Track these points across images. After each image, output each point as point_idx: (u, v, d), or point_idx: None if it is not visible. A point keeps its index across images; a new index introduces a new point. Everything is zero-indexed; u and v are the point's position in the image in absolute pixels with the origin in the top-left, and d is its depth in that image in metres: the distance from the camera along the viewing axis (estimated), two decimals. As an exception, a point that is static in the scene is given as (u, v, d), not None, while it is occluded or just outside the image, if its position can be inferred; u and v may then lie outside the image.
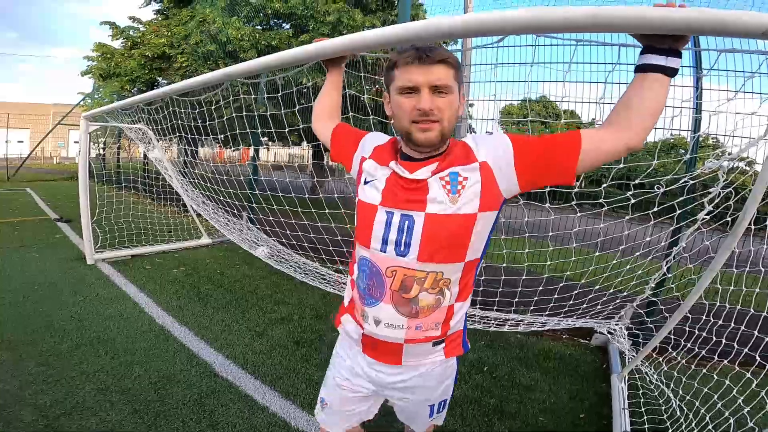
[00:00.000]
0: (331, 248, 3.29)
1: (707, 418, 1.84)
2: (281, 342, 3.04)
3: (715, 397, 1.91)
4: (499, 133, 1.08)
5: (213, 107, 3.13)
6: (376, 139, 1.22)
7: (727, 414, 1.75)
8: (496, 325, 2.94)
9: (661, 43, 0.85)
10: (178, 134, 3.94)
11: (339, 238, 3.16)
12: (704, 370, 2.20)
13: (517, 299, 2.74)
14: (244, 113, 3.45)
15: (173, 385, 2.42)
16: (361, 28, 6.56)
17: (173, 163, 5.33)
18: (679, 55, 0.85)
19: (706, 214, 1.92)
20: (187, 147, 4.66)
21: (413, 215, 1.02)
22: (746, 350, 1.89)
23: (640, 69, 0.88)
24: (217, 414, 2.18)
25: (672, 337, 2.29)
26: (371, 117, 2.47)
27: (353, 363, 1.25)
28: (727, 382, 1.93)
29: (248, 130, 2.92)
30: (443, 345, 1.17)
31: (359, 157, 1.20)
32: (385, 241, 1.06)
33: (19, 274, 4.16)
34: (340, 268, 3.80)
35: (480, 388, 2.56)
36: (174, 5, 9.31)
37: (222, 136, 3.29)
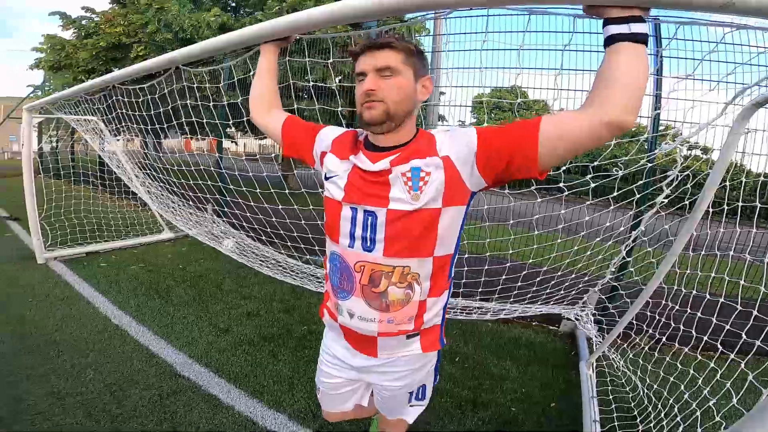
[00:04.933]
0: (299, 241, 3.20)
1: (676, 408, 1.85)
2: (248, 338, 2.93)
3: (682, 387, 1.92)
4: (468, 127, 1.04)
5: (157, 95, 2.95)
6: (333, 132, 1.21)
7: (694, 405, 1.75)
8: (465, 313, 2.95)
9: (610, 13, 0.82)
10: (135, 125, 3.72)
11: (309, 235, 3.07)
12: (668, 358, 2.24)
13: (481, 289, 2.75)
14: (201, 103, 3.29)
15: (131, 386, 2.28)
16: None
17: (132, 155, 5.05)
18: (640, 20, 0.80)
19: (665, 198, 1.96)
20: (147, 139, 4.42)
21: (376, 211, 1.03)
22: (706, 337, 1.89)
23: (608, 42, 0.83)
24: (179, 415, 2.07)
25: (634, 322, 2.35)
26: (339, 108, 2.40)
27: (336, 351, 1.29)
28: (691, 371, 1.94)
29: (204, 120, 2.76)
30: (418, 339, 1.17)
31: (319, 153, 1.20)
32: (352, 237, 1.08)
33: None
34: (309, 258, 3.70)
35: (453, 380, 2.55)
36: None
37: (181, 125, 3.11)
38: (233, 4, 8.18)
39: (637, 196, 2.19)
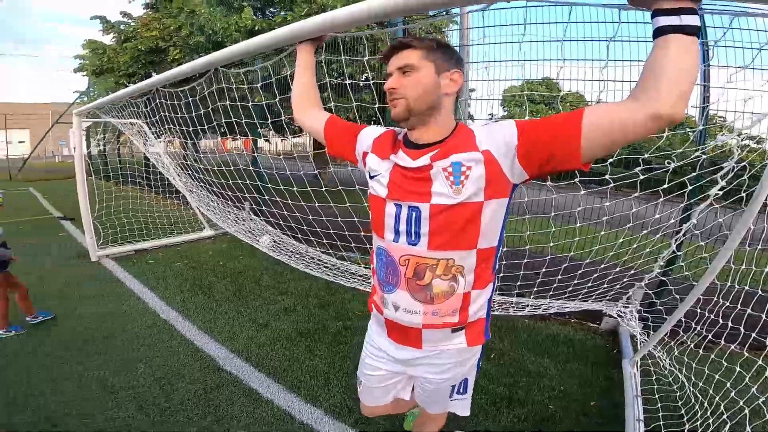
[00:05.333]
0: (335, 238, 3.24)
1: (722, 407, 1.78)
2: (285, 333, 3.01)
3: (728, 384, 1.85)
4: (507, 121, 1.03)
5: (197, 97, 3.07)
6: (373, 132, 1.24)
7: (741, 403, 1.69)
8: (502, 309, 2.89)
9: (660, 4, 0.77)
10: (175, 126, 3.89)
11: (345, 232, 3.10)
12: (712, 355, 2.13)
13: (519, 282, 2.68)
14: (239, 103, 3.38)
15: (178, 380, 2.41)
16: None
17: (173, 156, 5.28)
18: (692, 11, 0.75)
19: (719, 190, 1.83)
20: (186, 140, 4.61)
21: (419, 207, 1.06)
22: (754, 334, 1.81)
23: (657, 33, 0.79)
24: (222, 409, 2.17)
25: (683, 319, 2.22)
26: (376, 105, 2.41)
27: (380, 344, 1.33)
28: (738, 368, 1.87)
29: (243, 120, 2.84)
30: (463, 332, 1.19)
31: (361, 153, 1.25)
32: (397, 232, 1.11)
33: (24, 274, 4.16)
34: (344, 255, 3.75)
35: (487, 376, 2.52)
36: None
37: (218, 126, 3.22)
38: (259, 5, 8.29)
39: (689, 188, 2.06)
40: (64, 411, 2.12)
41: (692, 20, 0.75)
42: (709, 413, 1.85)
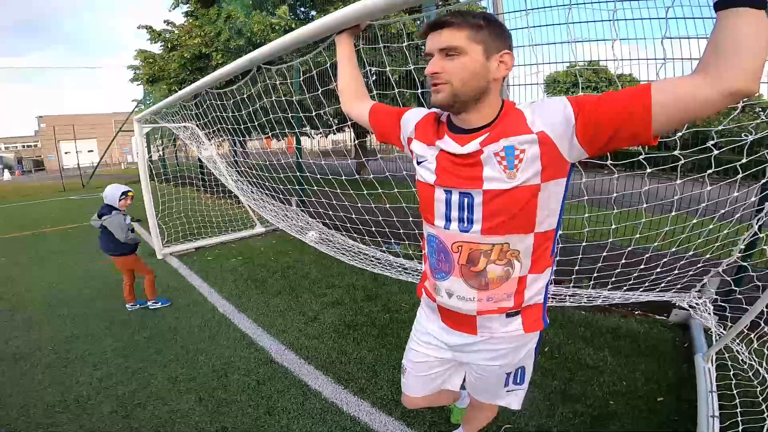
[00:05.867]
0: (376, 229, 3.23)
1: None
2: (333, 326, 3.06)
3: None
4: (558, 98, 0.95)
5: (243, 96, 3.18)
6: (415, 115, 1.20)
7: None
8: (558, 300, 2.74)
9: None
10: (223, 126, 4.07)
11: (380, 218, 3.09)
12: None
13: (576, 267, 2.50)
14: (274, 99, 3.48)
15: (234, 372, 2.52)
16: None
17: (224, 156, 5.54)
18: None
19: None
20: (235, 139, 4.82)
21: (472, 193, 1.01)
22: None
23: (720, 6, 0.71)
24: (273, 400, 2.24)
25: (765, 309, 1.97)
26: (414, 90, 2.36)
27: (431, 330, 1.30)
28: None
29: (280, 115, 2.91)
30: (519, 317, 1.14)
31: (405, 138, 1.22)
32: (448, 219, 1.07)
33: (100, 273, 4.58)
34: (386, 248, 3.74)
35: (541, 370, 2.40)
36: (201, 5, 9.53)
37: (262, 125, 3.34)
38: (291, 2, 8.38)
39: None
40: (135, 401, 2.29)
41: None
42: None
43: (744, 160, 1.69)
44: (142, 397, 2.32)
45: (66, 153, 33.33)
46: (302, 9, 8.50)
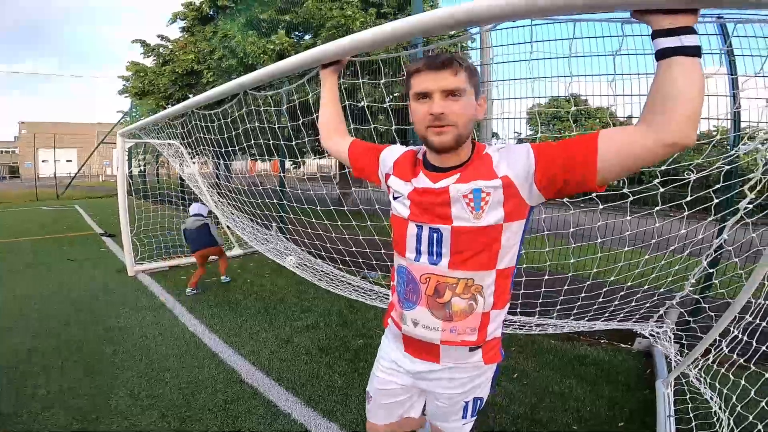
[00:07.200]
0: (354, 258, 3.28)
1: (760, 426, 1.69)
2: (306, 349, 3.05)
3: (763, 403, 1.75)
4: (524, 145, 1.03)
5: (229, 119, 3.25)
6: (393, 153, 1.25)
7: None
8: (525, 329, 2.82)
9: (661, 24, 0.77)
10: (209, 148, 4.10)
11: (367, 249, 3.15)
12: (745, 374, 2.00)
13: (540, 300, 2.60)
14: (267, 125, 3.56)
15: (201, 390, 2.47)
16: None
17: (207, 176, 5.54)
18: (691, 31, 0.75)
19: (749, 203, 1.75)
20: (219, 161, 4.85)
21: (441, 228, 1.07)
22: None
23: (659, 56, 0.78)
24: (240, 420, 2.20)
25: (718, 338, 2.11)
26: (392, 126, 2.46)
27: (395, 358, 1.32)
28: None
29: (270, 142, 2.97)
30: (480, 352, 1.19)
31: (383, 174, 1.26)
32: (419, 252, 1.13)
33: (68, 287, 4.43)
34: (366, 274, 3.78)
35: (509, 395, 2.45)
36: (198, 22, 9.73)
37: (247, 147, 3.39)
38: (285, 26, 8.62)
39: (716, 201, 1.98)
40: (94, 415, 2.22)
41: (692, 41, 0.75)
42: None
43: (689, 198, 1.85)
44: (100, 411, 2.26)
45: (43, 161, 32.35)
46: (296, 33, 8.74)
